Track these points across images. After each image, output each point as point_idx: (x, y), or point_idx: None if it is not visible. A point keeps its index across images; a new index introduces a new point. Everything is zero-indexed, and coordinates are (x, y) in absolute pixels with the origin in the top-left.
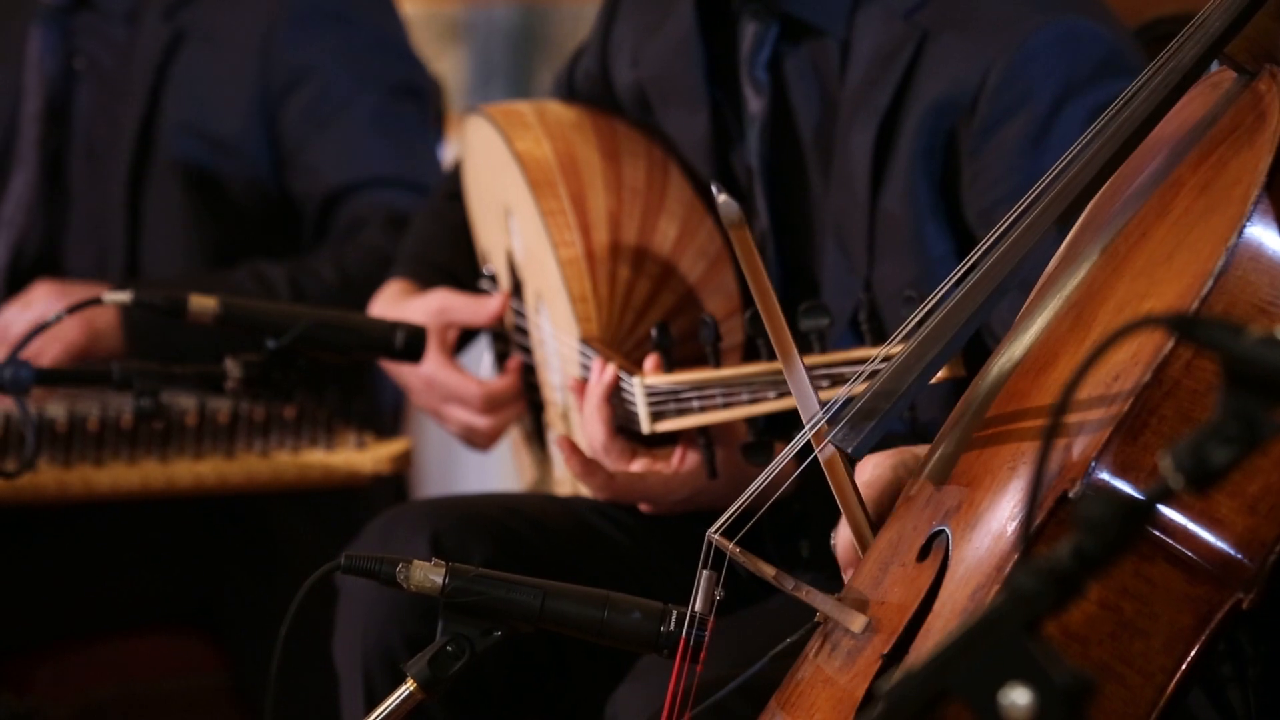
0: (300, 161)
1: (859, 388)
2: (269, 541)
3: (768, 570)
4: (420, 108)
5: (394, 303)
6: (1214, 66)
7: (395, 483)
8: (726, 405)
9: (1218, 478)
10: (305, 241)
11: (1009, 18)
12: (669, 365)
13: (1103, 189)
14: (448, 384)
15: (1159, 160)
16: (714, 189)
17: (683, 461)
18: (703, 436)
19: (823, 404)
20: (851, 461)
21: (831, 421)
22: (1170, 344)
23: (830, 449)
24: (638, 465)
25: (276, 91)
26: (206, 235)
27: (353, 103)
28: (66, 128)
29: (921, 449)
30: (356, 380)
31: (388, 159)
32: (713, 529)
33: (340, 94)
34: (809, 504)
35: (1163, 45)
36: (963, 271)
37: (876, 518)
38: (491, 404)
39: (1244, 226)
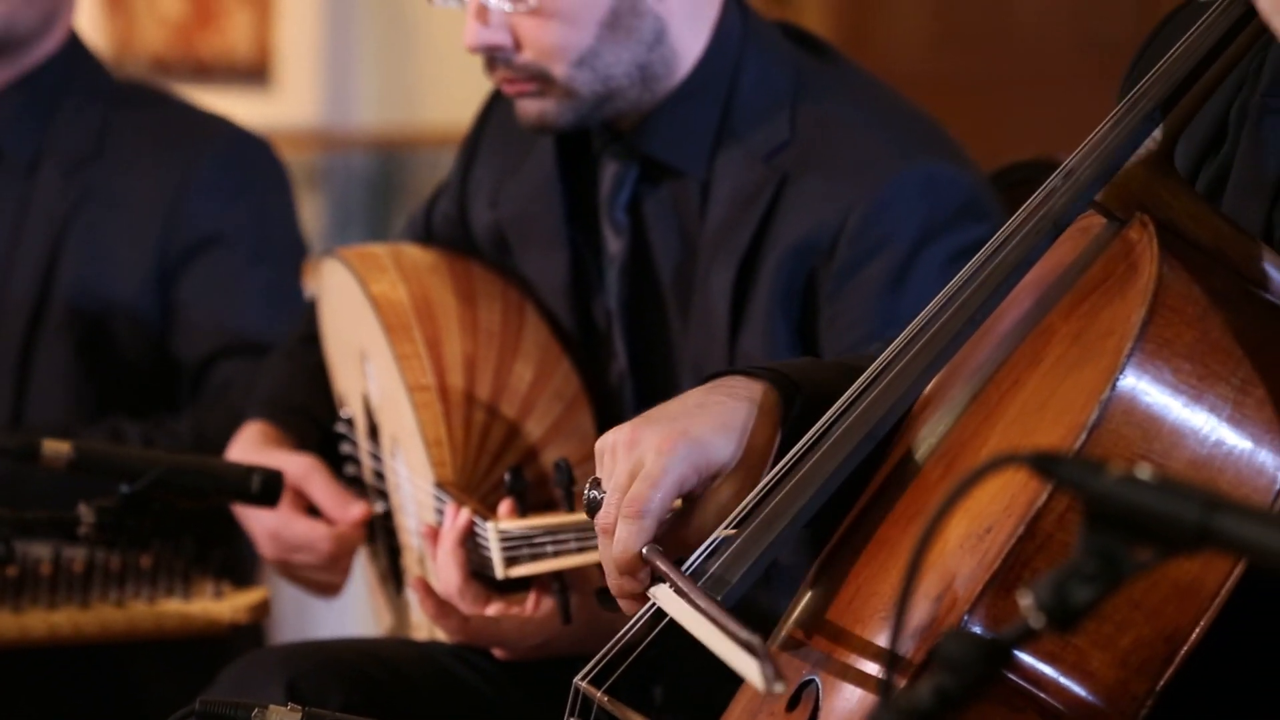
0: (185, 323)
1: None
2: (127, 689)
3: (635, 718)
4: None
5: (254, 447)
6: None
7: (254, 630)
8: (580, 550)
9: (1079, 616)
10: (182, 403)
11: (869, 162)
12: (523, 509)
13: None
14: (294, 532)
15: (1028, 305)
16: None
17: (537, 606)
18: (557, 581)
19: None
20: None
21: (696, 572)
22: (1044, 497)
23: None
24: (492, 609)
25: (175, 258)
26: (91, 394)
27: (247, 273)
28: None
29: (706, 411)
30: (214, 528)
31: (268, 325)
32: (580, 676)
33: (236, 265)
34: (661, 651)
35: (1019, 190)
36: (830, 420)
37: (660, 517)
38: (340, 549)
39: (1117, 380)
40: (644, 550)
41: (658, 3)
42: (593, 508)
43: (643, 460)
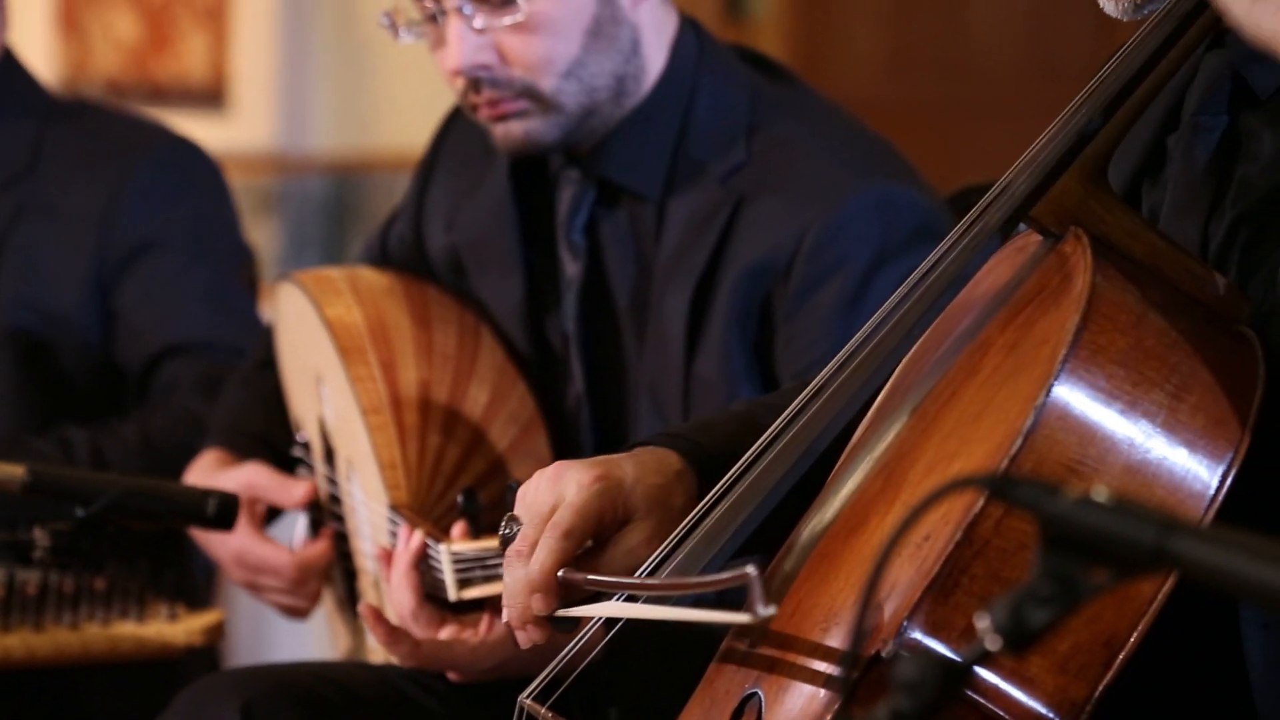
0: (127, 328)
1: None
2: (81, 712)
3: None
4: (248, 279)
5: (208, 473)
6: (1020, 229)
7: (208, 653)
8: None
9: (1035, 639)
10: (129, 407)
11: (825, 183)
12: (476, 531)
13: (912, 351)
14: (258, 555)
15: (967, 322)
16: None
17: (490, 629)
18: None
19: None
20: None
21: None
22: (980, 503)
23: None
24: (445, 633)
25: (113, 265)
26: (34, 404)
27: (186, 275)
28: None
29: (626, 461)
30: (168, 550)
31: (210, 325)
32: (524, 694)
33: (175, 267)
34: (616, 671)
35: None
36: (771, 437)
37: (580, 543)
38: (304, 574)
39: (1052, 386)
40: (561, 572)
41: (633, 11)
42: (508, 541)
43: (565, 492)
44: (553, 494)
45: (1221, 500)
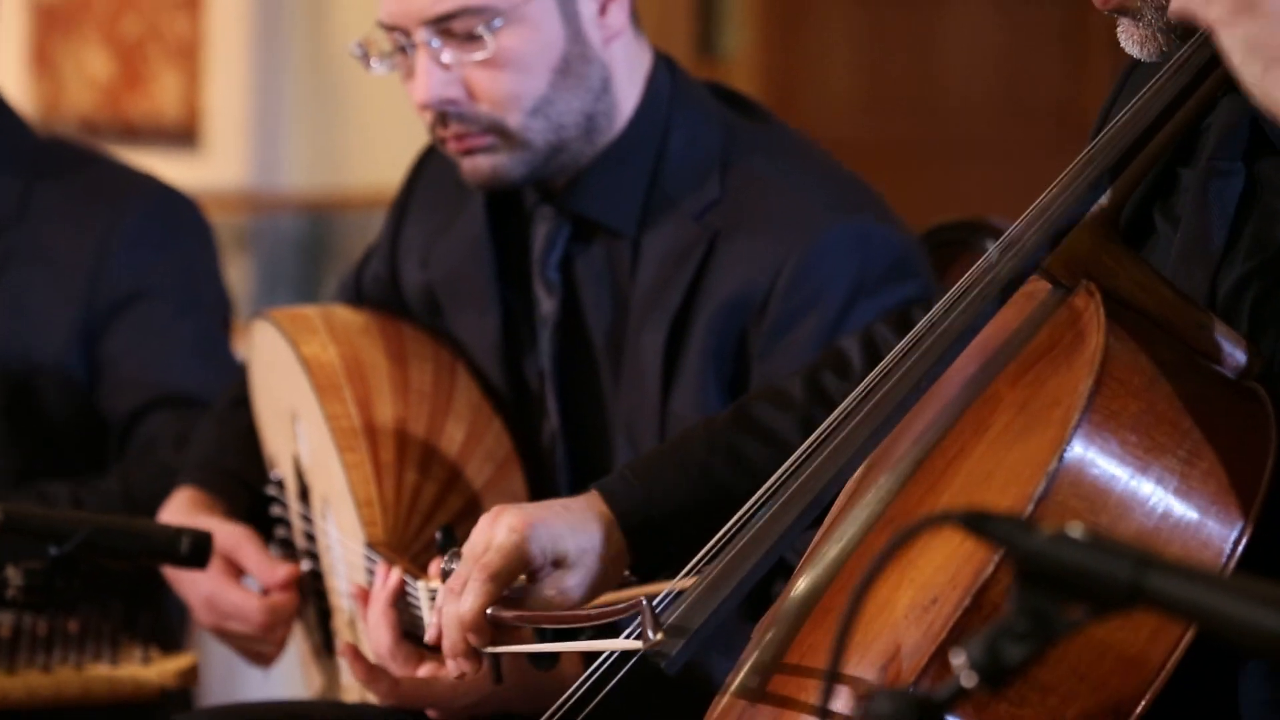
0: (113, 378)
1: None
2: None
3: None
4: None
5: (182, 513)
6: None
7: (182, 695)
8: None
9: (1011, 675)
10: (109, 462)
11: (799, 219)
12: None
13: None
14: (229, 601)
15: (973, 370)
16: None
17: None
18: None
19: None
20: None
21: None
22: (990, 569)
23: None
24: (424, 670)
25: (101, 314)
26: (16, 453)
27: (174, 327)
28: None
29: (566, 507)
30: (143, 593)
31: (198, 377)
32: None
33: (163, 319)
34: (601, 711)
35: (946, 250)
36: (775, 485)
37: (505, 584)
38: (273, 619)
39: (1064, 451)
40: (489, 610)
41: (604, 50)
42: (447, 575)
43: (496, 536)
44: (486, 536)
45: (1235, 566)
